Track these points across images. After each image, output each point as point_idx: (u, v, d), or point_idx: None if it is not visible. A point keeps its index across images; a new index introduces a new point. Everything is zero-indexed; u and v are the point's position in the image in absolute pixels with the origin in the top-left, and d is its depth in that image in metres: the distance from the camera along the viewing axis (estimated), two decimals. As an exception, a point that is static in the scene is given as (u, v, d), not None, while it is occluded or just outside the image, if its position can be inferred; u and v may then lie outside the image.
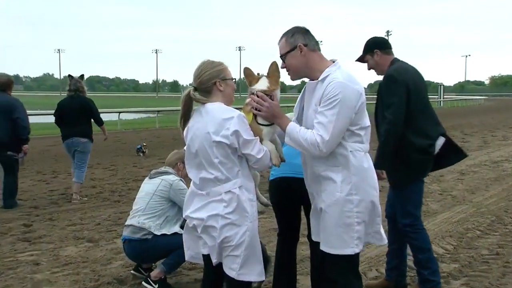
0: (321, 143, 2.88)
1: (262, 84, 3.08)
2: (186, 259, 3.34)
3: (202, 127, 2.99)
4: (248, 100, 3.09)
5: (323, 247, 3.09)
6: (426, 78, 4.26)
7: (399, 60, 4.10)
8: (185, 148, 3.23)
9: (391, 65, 4.03)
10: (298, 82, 3.48)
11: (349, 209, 2.99)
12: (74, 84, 8.18)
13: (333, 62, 3.06)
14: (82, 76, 8.45)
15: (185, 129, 3.13)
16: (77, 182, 8.12)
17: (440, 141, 4.01)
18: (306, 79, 3.17)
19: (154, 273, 4.38)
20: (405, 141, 3.87)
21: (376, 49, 4.07)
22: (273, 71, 3.09)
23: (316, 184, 3.11)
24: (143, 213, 4.37)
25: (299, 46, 3.02)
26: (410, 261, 4.41)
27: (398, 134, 3.84)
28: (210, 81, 3.05)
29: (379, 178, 3.80)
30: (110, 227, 6.42)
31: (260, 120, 3.06)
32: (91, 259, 5.20)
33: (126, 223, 4.47)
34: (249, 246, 3.00)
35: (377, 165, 3.76)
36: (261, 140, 3.03)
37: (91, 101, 8.31)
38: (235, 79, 3.20)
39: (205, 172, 3.02)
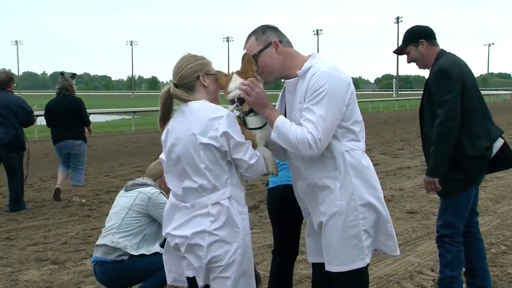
0: (312, 141, 2.87)
1: (235, 84, 3.04)
2: (168, 282, 3.33)
3: (185, 128, 2.99)
4: (231, 107, 3.10)
5: (330, 267, 3.07)
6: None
7: (446, 51, 4.14)
8: (162, 155, 3.22)
9: (438, 58, 4.07)
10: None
11: (354, 217, 2.99)
12: (61, 82, 8.96)
13: (310, 56, 3.09)
14: (73, 75, 9.31)
15: (164, 132, 3.12)
16: (76, 185, 8.97)
17: (498, 143, 4.07)
18: (283, 79, 3.17)
19: None
20: (457, 144, 3.93)
21: (422, 39, 4.09)
22: (246, 63, 3.07)
23: (312, 197, 3.12)
24: (118, 231, 4.36)
25: (274, 42, 3.04)
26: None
27: (455, 136, 3.88)
28: (192, 76, 3.05)
29: (434, 187, 3.93)
30: (79, 246, 6.40)
31: (250, 124, 3.05)
32: (56, 284, 5.18)
33: (98, 243, 4.45)
34: (241, 266, 3.00)
35: (431, 172, 3.90)
36: (254, 146, 3.03)
37: (80, 100, 9.05)
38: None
39: (188, 181, 3.01)
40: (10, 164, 8.40)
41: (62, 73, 9.27)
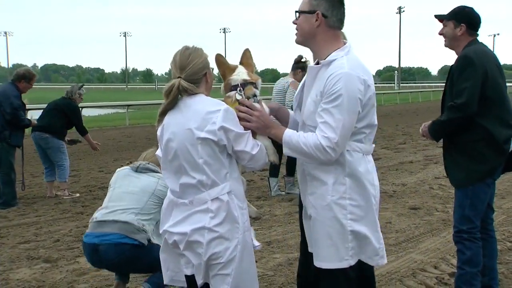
0: (328, 146, 2.91)
1: (242, 73, 3.10)
2: (165, 282, 3.32)
3: (182, 123, 2.99)
4: (232, 93, 3.12)
5: (316, 262, 3.13)
6: (444, 62, 4.34)
7: (478, 41, 4.18)
8: (158, 151, 3.21)
9: (468, 46, 4.10)
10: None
11: (343, 215, 3.02)
12: (69, 90, 9.37)
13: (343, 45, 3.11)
14: (81, 85, 9.73)
15: (159, 127, 3.12)
16: (61, 181, 9.06)
17: None
18: (308, 58, 3.25)
19: None
20: (479, 131, 3.98)
21: (464, 23, 4.12)
22: (248, 59, 3.12)
23: (305, 185, 3.18)
24: (141, 212, 4.21)
25: (317, 13, 3.07)
26: None
27: (466, 119, 3.94)
28: (201, 72, 3.08)
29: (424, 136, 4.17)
30: (72, 244, 6.40)
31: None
32: (49, 283, 5.18)
33: (108, 218, 4.19)
34: (241, 262, 3.02)
35: (431, 133, 4.11)
36: (254, 135, 3.06)
37: (76, 106, 9.29)
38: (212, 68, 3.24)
39: (186, 177, 3.02)
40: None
41: (76, 85, 9.80)
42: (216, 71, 3.24)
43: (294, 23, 3.15)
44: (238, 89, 3.10)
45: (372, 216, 3.10)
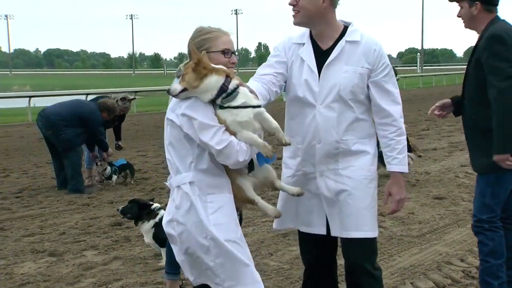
0: (401, 113, 3.40)
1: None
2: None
3: (170, 104, 3.11)
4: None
5: (359, 233, 3.38)
6: (470, 43, 4.30)
7: (500, 18, 4.11)
8: None
9: (491, 24, 4.04)
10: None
11: (376, 187, 3.44)
12: (117, 104, 9.43)
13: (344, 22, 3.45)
14: (131, 99, 10.15)
15: None
16: (88, 168, 9.68)
17: None
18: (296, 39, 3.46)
19: None
20: None
21: (477, 0, 4.05)
22: (193, 55, 2.98)
23: (330, 162, 3.40)
24: None
25: None
26: None
27: None
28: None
29: (509, 162, 3.84)
30: (78, 237, 6.44)
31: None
32: (54, 278, 5.22)
33: None
34: (219, 252, 2.99)
35: (500, 149, 3.84)
36: (232, 133, 2.97)
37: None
38: (231, 51, 3.16)
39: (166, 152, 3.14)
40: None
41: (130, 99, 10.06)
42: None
43: (292, 4, 3.31)
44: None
45: None
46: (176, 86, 2.97)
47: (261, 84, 3.30)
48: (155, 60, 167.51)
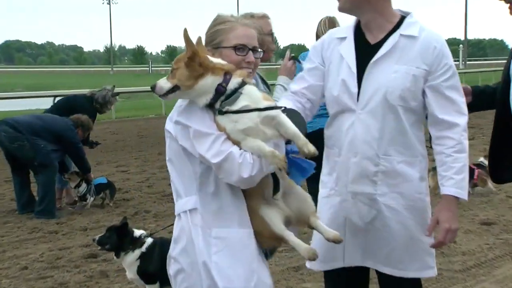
0: (465, 127, 3.44)
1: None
2: None
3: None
4: None
5: (398, 272, 3.37)
6: (511, 33, 4.29)
7: None
8: None
9: None
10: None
11: (428, 216, 3.39)
12: (102, 94, 9.89)
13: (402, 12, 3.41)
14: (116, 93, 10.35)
15: None
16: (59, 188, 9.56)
17: None
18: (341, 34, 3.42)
19: None
20: None
21: None
22: (187, 45, 2.90)
23: (370, 181, 3.32)
24: None
25: None
26: None
27: None
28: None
29: None
30: (44, 273, 6.43)
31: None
32: (15, 322, 5.21)
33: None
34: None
35: None
36: (235, 142, 2.88)
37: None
38: (249, 47, 3.06)
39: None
40: None
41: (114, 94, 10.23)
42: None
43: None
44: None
45: None
46: (163, 83, 2.88)
47: (292, 103, 3.34)
48: (138, 55, 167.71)
